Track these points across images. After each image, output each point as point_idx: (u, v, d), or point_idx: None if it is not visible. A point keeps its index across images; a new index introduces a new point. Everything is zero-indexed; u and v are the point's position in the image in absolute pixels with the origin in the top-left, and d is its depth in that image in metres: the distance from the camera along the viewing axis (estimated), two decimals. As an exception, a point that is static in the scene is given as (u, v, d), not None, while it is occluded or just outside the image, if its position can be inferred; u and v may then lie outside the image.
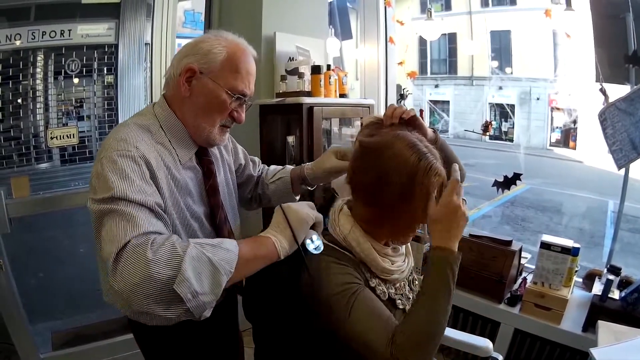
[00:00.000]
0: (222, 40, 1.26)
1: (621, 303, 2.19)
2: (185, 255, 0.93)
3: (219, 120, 1.29)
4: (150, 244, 0.93)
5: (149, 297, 0.91)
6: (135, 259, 0.91)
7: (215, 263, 0.96)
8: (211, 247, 0.99)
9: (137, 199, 1.03)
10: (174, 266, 0.91)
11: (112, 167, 1.06)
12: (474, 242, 2.59)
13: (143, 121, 1.25)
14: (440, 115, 16.93)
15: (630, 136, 2.44)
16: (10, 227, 2.22)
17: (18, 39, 2.32)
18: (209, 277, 0.95)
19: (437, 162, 1.14)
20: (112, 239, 0.96)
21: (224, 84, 1.24)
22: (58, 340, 2.55)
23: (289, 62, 2.86)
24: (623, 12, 2.71)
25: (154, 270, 0.90)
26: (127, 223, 0.98)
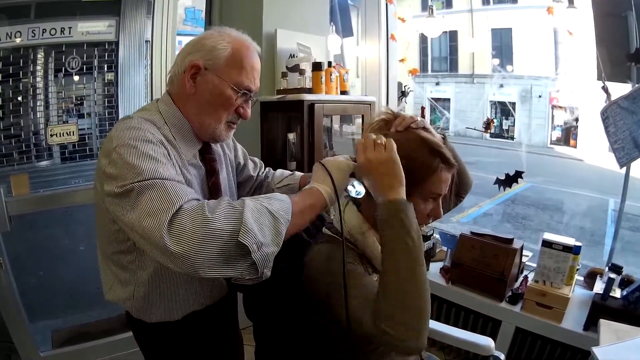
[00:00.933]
0: (227, 37, 1.26)
1: (622, 302, 2.19)
2: (245, 208, 0.95)
3: (225, 117, 1.27)
4: (205, 205, 0.94)
5: (213, 256, 0.90)
6: (194, 219, 0.91)
7: (274, 212, 0.99)
8: (266, 198, 1.02)
9: (173, 177, 1.03)
10: (236, 218, 0.93)
11: (133, 152, 1.03)
12: (476, 240, 2.58)
13: (148, 116, 1.22)
14: (442, 113, 16.91)
15: (633, 134, 2.43)
16: (10, 225, 2.21)
17: (18, 36, 2.31)
18: (270, 227, 0.97)
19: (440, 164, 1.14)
20: (157, 209, 0.93)
21: (229, 80, 1.23)
22: (58, 339, 2.55)
23: (290, 59, 2.86)
24: (625, 10, 2.71)
25: (217, 226, 0.90)
26: (171, 192, 0.96)
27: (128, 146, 1.04)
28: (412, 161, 1.12)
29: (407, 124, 1.18)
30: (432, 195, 1.16)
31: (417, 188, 1.13)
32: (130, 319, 1.34)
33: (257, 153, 2.81)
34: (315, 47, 3.02)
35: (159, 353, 1.39)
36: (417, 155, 1.13)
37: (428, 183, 1.13)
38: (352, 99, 3.02)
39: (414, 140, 1.15)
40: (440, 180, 1.15)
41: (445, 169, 1.15)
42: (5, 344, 2.37)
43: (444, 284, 2.76)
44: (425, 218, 1.20)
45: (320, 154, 2.62)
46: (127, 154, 1.02)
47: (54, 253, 2.70)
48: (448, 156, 1.14)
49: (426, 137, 1.16)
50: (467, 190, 1.53)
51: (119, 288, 1.26)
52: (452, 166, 1.16)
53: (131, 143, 1.05)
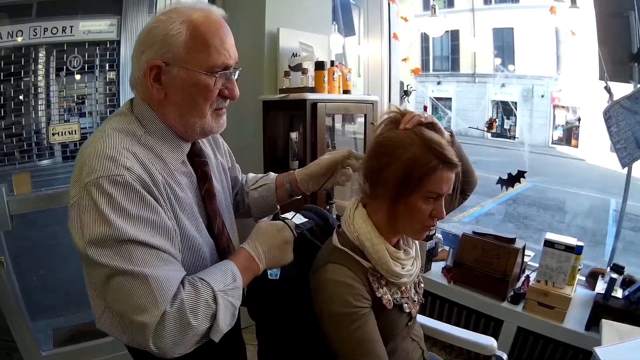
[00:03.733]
0: (177, 17, 1.05)
1: (624, 302, 2.18)
2: (218, 308, 0.99)
3: (208, 107, 1.12)
4: (187, 308, 0.94)
5: (187, 348, 0.97)
6: (180, 327, 0.93)
7: (235, 304, 1.05)
8: (231, 291, 1.03)
9: (150, 241, 0.95)
10: (211, 320, 0.98)
11: (108, 202, 0.93)
12: (478, 239, 2.57)
13: (125, 125, 1.08)
14: (445, 112, 16.87)
15: (635, 134, 2.43)
16: (12, 224, 2.21)
17: (20, 35, 2.32)
18: (231, 317, 1.04)
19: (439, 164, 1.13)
20: (137, 307, 0.91)
21: (198, 67, 1.05)
22: (59, 337, 2.55)
23: (293, 58, 2.86)
24: (627, 10, 2.70)
25: (199, 330, 0.96)
26: (152, 286, 0.91)
27: (101, 190, 0.93)
28: (412, 161, 1.12)
29: (416, 122, 1.17)
30: (432, 195, 1.15)
31: (416, 187, 1.13)
32: (130, 348, 1.21)
33: (260, 152, 2.81)
34: (318, 46, 3.02)
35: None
36: (416, 155, 1.12)
37: (427, 183, 1.13)
38: (354, 98, 3.02)
39: (415, 140, 1.14)
40: (440, 179, 1.13)
41: (446, 169, 1.14)
42: (7, 343, 2.37)
43: (446, 283, 2.76)
44: (428, 219, 1.18)
45: (322, 153, 2.61)
46: (100, 202, 0.93)
47: (56, 252, 2.70)
48: (448, 155, 1.13)
49: (427, 137, 1.15)
50: (472, 188, 1.53)
51: (110, 316, 1.14)
52: (454, 166, 1.15)
53: (104, 186, 0.93)
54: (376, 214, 1.23)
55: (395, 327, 1.28)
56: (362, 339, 1.14)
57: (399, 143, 1.14)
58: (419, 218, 1.18)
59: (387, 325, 1.24)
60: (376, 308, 1.20)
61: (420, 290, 1.41)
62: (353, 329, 1.13)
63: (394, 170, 1.14)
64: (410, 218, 1.18)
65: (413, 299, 1.34)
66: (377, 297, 1.20)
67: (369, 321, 1.17)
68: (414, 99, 3.83)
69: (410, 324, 1.36)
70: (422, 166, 1.12)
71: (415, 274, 1.32)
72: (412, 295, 1.34)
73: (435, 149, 1.13)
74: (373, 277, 1.21)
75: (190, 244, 1.14)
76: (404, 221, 1.20)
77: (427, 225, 1.20)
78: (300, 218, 1.36)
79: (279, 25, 2.82)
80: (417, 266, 1.33)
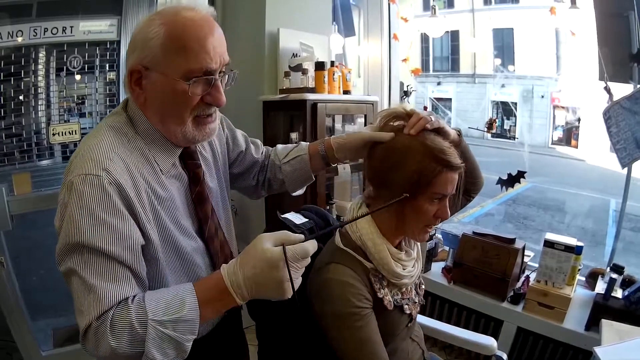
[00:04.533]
0: (156, 19, 1.00)
1: (624, 302, 2.19)
2: (147, 337, 0.88)
3: (188, 115, 1.06)
4: (109, 329, 0.88)
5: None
6: (100, 343, 0.88)
7: (177, 338, 0.91)
8: (172, 323, 0.90)
9: (106, 249, 0.92)
10: (138, 346, 0.88)
11: (78, 200, 0.92)
12: (478, 240, 2.58)
13: (118, 123, 1.07)
14: (445, 113, 16.88)
15: (635, 135, 2.44)
16: (12, 224, 2.21)
17: (20, 35, 2.31)
18: (173, 349, 0.92)
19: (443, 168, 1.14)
20: (79, 310, 0.91)
21: (175, 72, 0.99)
22: (59, 337, 2.55)
23: (293, 59, 2.86)
24: (627, 10, 2.70)
25: (120, 352, 0.88)
26: (89, 295, 0.90)
27: (76, 190, 0.93)
28: (418, 169, 1.13)
29: (421, 127, 1.17)
30: (437, 196, 1.16)
31: (422, 191, 1.14)
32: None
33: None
34: (318, 47, 3.02)
35: None
36: (422, 164, 1.13)
37: (432, 186, 1.14)
38: (354, 99, 3.02)
39: (417, 147, 1.15)
40: (445, 181, 1.15)
41: (450, 171, 1.15)
42: (7, 343, 2.37)
43: (446, 283, 2.76)
44: (433, 219, 1.20)
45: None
46: (74, 202, 0.92)
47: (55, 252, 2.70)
48: (452, 161, 1.14)
49: (429, 144, 1.15)
50: (477, 190, 1.53)
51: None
52: (457, 168, 1.16)
53: (79, 186, 0.93)
54: (379, 215, 1.23)
55: (396, 328, 1.28)
56: (363, 340, 1.15)
57: (405, 151, 1.15)
58: (424, 218, 1.19)
59: (387, 326, 1.24)
60: (377, 309, 1.20)
61: (421, 292, 1.42)
62: (355, 329, 1.14)
63: (401, 177, 1.15)
64: (416, 219, 1.20)
65: (414, 300, 1.34)
66: (379, 298, 1.20)
67: (371, 322, 1.17)
68: (413, 100, 3.83)
69: (410, 325, 1.36)
70: (428, 174, 1.13)
71: (417, 275, 1.32)
72: (413, 296, 1.35)
73: (439, 157, 1.13)
74: (375, 277, 1.21)
75: (175, 249, 1.11)
76: (410, 222, 1.21)
77: (430, 225, 1.22)
78: (300, 218, 1.34)
79: (279, 26, 2.82)
80: (418, 267, 1.34)
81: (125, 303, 0.91)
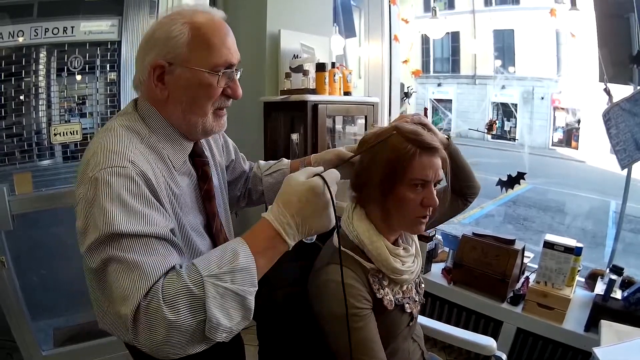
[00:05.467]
0: (178, 19, 1.07)
1: (623, 303, 2.19)
2: (206, 296, 0.82)
3: (210, 107, 1.12)
4: (162, 299, 0.82)
5: (180, 348, 0.83)
6: (155, 322, 0.81)
7: (238, 291, 0.86)
8: (229, 274, 0.86)
9: (142, 231, 0.90)
10: (199, 312, 0.82)
11: (107, 191, 0.91)
12: (477, 241, 2.58)
13: (129, 123, 1.09)
14: (445, 114, 16.87)
15: (634, 136, 2.44)
16: (13, 224, 2.22)
17: (21, 35, 2.32)
18: (238, 309, 0.87)
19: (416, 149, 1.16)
20: (122, 297, 0.84)
21: (201, 65, 1.07)
22: (60, 337, 2.55)
23: (294, 60, 2.86)
24: (627, 12, 2.71)
25: (180, 324, 0.81)
26: (133, 274, 0.85)
27: (103, 181, 0.92)
28: (392, 153, 1.15)
29: (401, 118, 1.24)
30: (418, 182, 1.17)
31: (400, 178, 1.16)
32: (130, 346, 1.20)
33: (260, 153, 2.82)
34: (319, 48, 3.03)
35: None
36: (394, 147, 1.16)
37: (410, 171, 1.15)
38: (355, 100, 3.03)
39: (390, 131, 1.18)
40: (422, 165, 1.16)
41: (427, 154, 1.16)
42: (7, 342, 2.37)
43: (446, 284, 2.76)
44: (420, 208, 1.20)
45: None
46: (101, 193, 0.91)
47: (56, 251, 2.70)
48: (426, 140, 1.15)
49: (400, 126, 1.18)
50: (474, 193, 1.54)
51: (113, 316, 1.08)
52: (434, 150, 1.17)
53: (105, 177, 0.92)
54: (373, 214, 1.26)
55: (397, 328, 1.29)
56: (362, 340, 1.15)
57: (380, 145, 1.17)
58: (411, 209, 1.19)
59: (388, 326, 1.24)
60: (377, 309, 1.21)
61: (421, 291, 1.42)
62: (353, 330, 1.13)
63: (377, 168, 1.18)
64: (401, 210, 1.20)
65: (414, 299, 1.35)
66: (378, 299, 1.21)
67: (370, 323, 1.17)
68: (414, 101, 3.84)
69: (411, 325, 1.36)
70: (402, 156, 1.15)
71: (417, 272, 1.32)
72: (414, 295, 1.35)
73: (411, 138, 1.15)
74: (374, 278, 1.22)
75: (188, 244, 1.13)
76: (397, 215, 1.22)
77: (420, 216, 1.21)
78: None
79: (280, 27, 2.83)
80: (418, 264, 1.34)
81: (173, 270, 0.89)
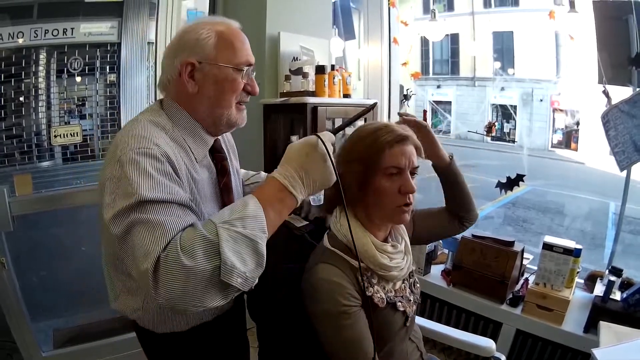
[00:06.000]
0: (205, 25, 1.23)
1: (622, 304, 2.19)
2: (220, 241, 0.90)
3: (234, 100, 1.25)
4: (179, 248, 0.89)
5: (201, 297, 0.89)
6: (173, 271, 0.87)
7: (249, 235, 0.94)
8: (240, 220, 0.95)
9: (164, 197, 0.98)
10: (214, 256, 0.89)
11: (134, 167, 1.00)
12: (477, 242, 2.58)
13: (155, 118, 1.20)
14: (444, 116, 16.86)
15: (633, 138, 2.45)
16: (13, 225, 2.22)
17: (21, 37, 2.33)
18: (251, 254, 0.94)
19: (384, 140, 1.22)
20: (143, 254, 0.90)
21: (227, 63, 1.21)
22: (60, 338, 2.56)
23: (293, 62, 2.86)
24: (626, 14, 2.71)
25: (198, 270, 0.88)
26: (155, 232, 0.92)
27: (129, 159, 1.01)
28: (363, 148, 1.24)
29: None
30: (392, 170, 1.21)
31: (375, 169, 1.22)
32: (137, 328, 1.34)
33: (260, 156, 2.82)
34: (318, 50, 3.03)
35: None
36: (366, 142, 1.24)
37: (383, 160, 1.21)
38: (355, 102, 3.03)
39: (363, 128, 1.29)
40: (395, 154, 1.21)
41: (398, 143, 1.22)
42: (7, 343, 2.38)
43: (445, 286, 2.77)
44: (399, 196, 1.23)
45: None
46: (128, 168, 1.00)
47: (56, 253, 2.70)
48: (396, 132, 1.22)
49: (375, 125, 1.28)
50: (470, 219, 1.58)
51: (127, 297, 1.26)
52: (404, 138, 1.23)
53: (132, 156, 1.01)
54: (358, 214, 1.30)
55: (391, 327, 1.29)
56: (350, 338, 1.17)
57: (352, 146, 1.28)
58: (390, 199, 1.23)
59: (381, 325, 1.25)
60: (368, 308, 1.22)
61: (417, 291, 1.43)
62: (341, 328, 1.16)
63: (352, 168, 1.25)
64: (381, 202, 1.24)
65: (408, 299, 1.35)
66: (368, 297, 1.23)
67: (359, 320, 1.19)
68: (413, 103, 3.83)
69: (408, 326, 1.36)
70: (373, 148, 1.21)
71: (407, 269, 1.34)
72: (408, 294, 1.36)
73: (381, 132, 1.23)
74: (363, 277, 1.23)
75: None
76: (378, 208, 1.26)
77: (401, 204, 1.24)
78: (301, 221, 1.40)
79: (280, 29, 2.83)
80: (409, 261, 1.36)
81: (191, 225, 0.98)
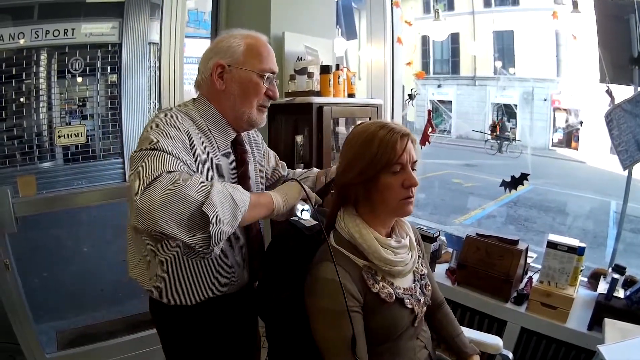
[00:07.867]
0: (237, 35, 1.44)
1: (626, 302, 2.20)
2: (213, 187, 1.07)
3: (256, 102, 1.44)
4: (181, 176, 1.05)
5: (175, 217, 1.00)
6: (168, 184, 1.02)
7: (235, 199, 1.13)
8: (231, 187, 1.15)
9: (175, 153, 1.15)
10: (204, 193, 1.05)
11: (157, 130, 1.20)
12: (481, 241, 2.58)
13: (186, 109, 1.40)
14: (449, 115, 16.86)
15: (636, 137, 2.45)
16: (17, 226, 2.22)
17: (21, 37, 2.33)
18: (229, 209, 1.10)
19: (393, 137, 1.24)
20: (144, 173, 1.04)
21: (252, 69, 1.40)
22: (63, 340, 2.56)
23: (298, 62, 2.87)
24: (628, 13, 2.71)
25: (186, 193, 1.02)
26: (161, 161, 1.09)
27: (155, 125, 1.23)
28: (367, 148, 1.25)
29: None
30: (396, 168, 1.23)
31: (381, 167, 1.23)
32: (151, 300, 1.51)
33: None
34: (322, 50, 3.03)
35: (174, 336, 1.50)
36: (368, 142, 1.26)
37: (388, 159, 1.22)
38: (359, 102, 3.04)
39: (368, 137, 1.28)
40: (397, 152, 1.23)
41: (399, 141, 1.23)
42: (11, 345, 2.37)
43: (450, 284, 2.76)
44: (403, 190, 1.25)
45: (328, 156, 2.64)
46: (152, 130, 1.20)
47: (59, 254, 2.71)
48: (397, 129, 1.25)
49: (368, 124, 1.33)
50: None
51: (144, 267, 1.43)
52: (405, 134, 1.25)
53: (159, 124, 1.23)
54: (361, 210, 1.32)
55: (398, 323, 1.30)
56: (344, 338, 1.17)
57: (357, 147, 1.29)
58: (395, 193, 1.25)
59: (388, 320, 1.26)
60: (375, 304, 1.23)
61: (428, 292, 1.43)
62: (337, 327, 1.17)
63: (356, 165, 1.26)
64: (387, 197, 1.26)
65: (418, 298, 1.35)
66: (374, 293, 1.24)
67: (356, 322, 1.19)
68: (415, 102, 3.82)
69: (417, 325, 1.37)
70: (379, 149, 1.23)
71: (412, 264, 1.35)
72: (418, 294, 1.36)
73: (382, 132, 1.25)
74: (367, 274, 1.25)
75: None
76: (383, 203, 1.27)
77: (405, 197, 1.26)
78: (311, 221, 1.43)
79: (284, 29, 2.83)
80: (413, 256, 1.36)
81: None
